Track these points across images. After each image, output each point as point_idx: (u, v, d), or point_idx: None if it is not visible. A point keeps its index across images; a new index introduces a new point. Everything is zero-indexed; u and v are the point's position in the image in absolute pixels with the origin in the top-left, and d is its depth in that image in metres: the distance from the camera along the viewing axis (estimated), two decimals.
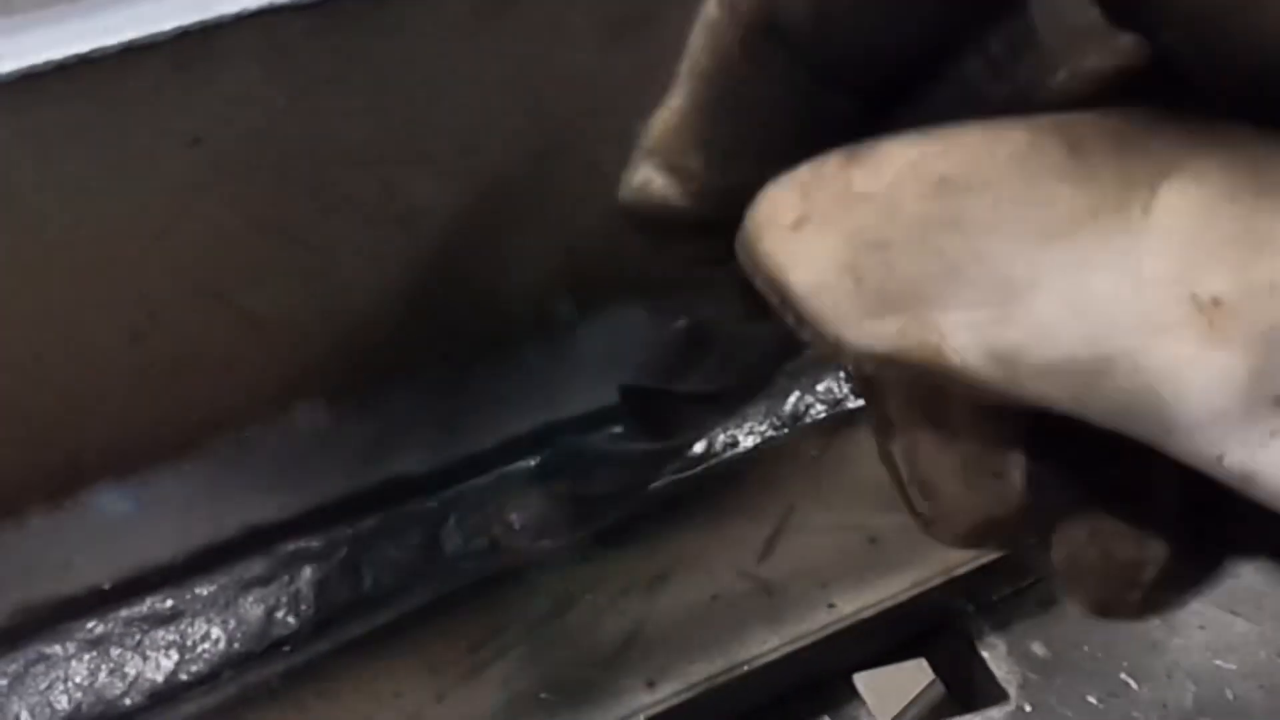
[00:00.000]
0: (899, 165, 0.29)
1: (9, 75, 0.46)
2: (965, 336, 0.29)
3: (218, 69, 0.50)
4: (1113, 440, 0.29)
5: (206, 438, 0.62)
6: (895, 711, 0.69)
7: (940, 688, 0.72)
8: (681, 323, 0.62)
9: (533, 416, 0.70)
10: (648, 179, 0.37)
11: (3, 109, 0.47)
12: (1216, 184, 0.26)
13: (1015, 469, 0.32)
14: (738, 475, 0.75)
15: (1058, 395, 0.28)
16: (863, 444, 0.75)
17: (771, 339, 0.60)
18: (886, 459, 0.36)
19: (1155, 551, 0.32)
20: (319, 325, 0.60)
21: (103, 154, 0.50)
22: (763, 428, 0.76)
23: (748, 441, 0.76)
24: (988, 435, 0.33)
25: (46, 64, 0.47)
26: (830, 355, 0.32)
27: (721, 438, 0.75)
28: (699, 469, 0.74)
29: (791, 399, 0.77)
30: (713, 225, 0.34)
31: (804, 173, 0.31)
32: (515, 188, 0.60)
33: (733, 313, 0.46)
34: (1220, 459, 0.26)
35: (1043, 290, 0.28)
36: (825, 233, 0.31)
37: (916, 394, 0.34)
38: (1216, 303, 0.25)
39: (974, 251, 0.28)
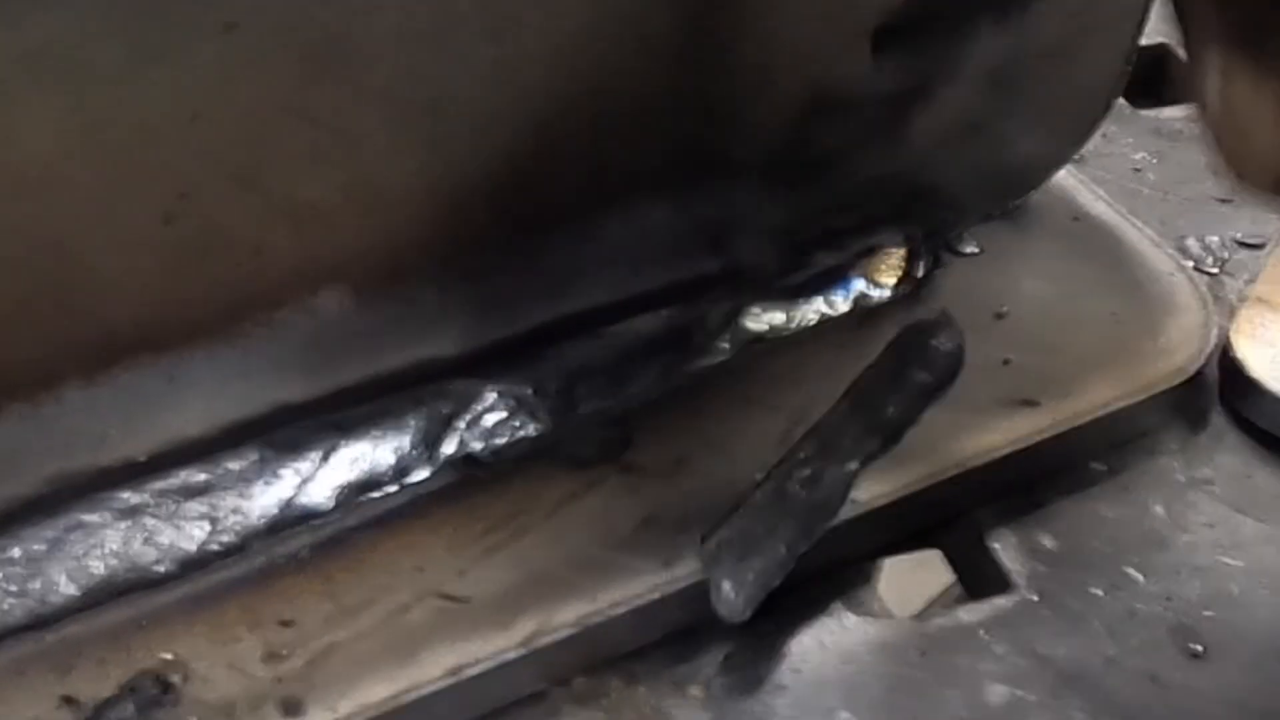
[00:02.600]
0: None
1: None
2: None
3: None
4: None
5: (237, 319, 0.63)
6: (908, 599, 0.71)
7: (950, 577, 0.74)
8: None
9: (556, 306, 0.71)
10: None
11: None
12: None
13: None
14: (761, 366, 0.76)
15: None
16: (882, 339, 0.76)
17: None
18: (1200, 104, 0.36)
19: None
20: (346, 211, 0.61)
21: (137, 39, 0.51)
22: (786, 320, 0.78)
23: (772, 333, 0.78)
24: None
25: None
26: None
27: (749, 330, 0.77)
28: (722, 359, 0.76)
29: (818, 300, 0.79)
30: None
31: None
32: (542, 76, 0.61)
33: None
34: None
35: None
36: None
37: (1234, 31, 0.34)
38: None
39: None
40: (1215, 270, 0.87)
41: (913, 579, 0.76)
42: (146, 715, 0.59)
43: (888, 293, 0.80)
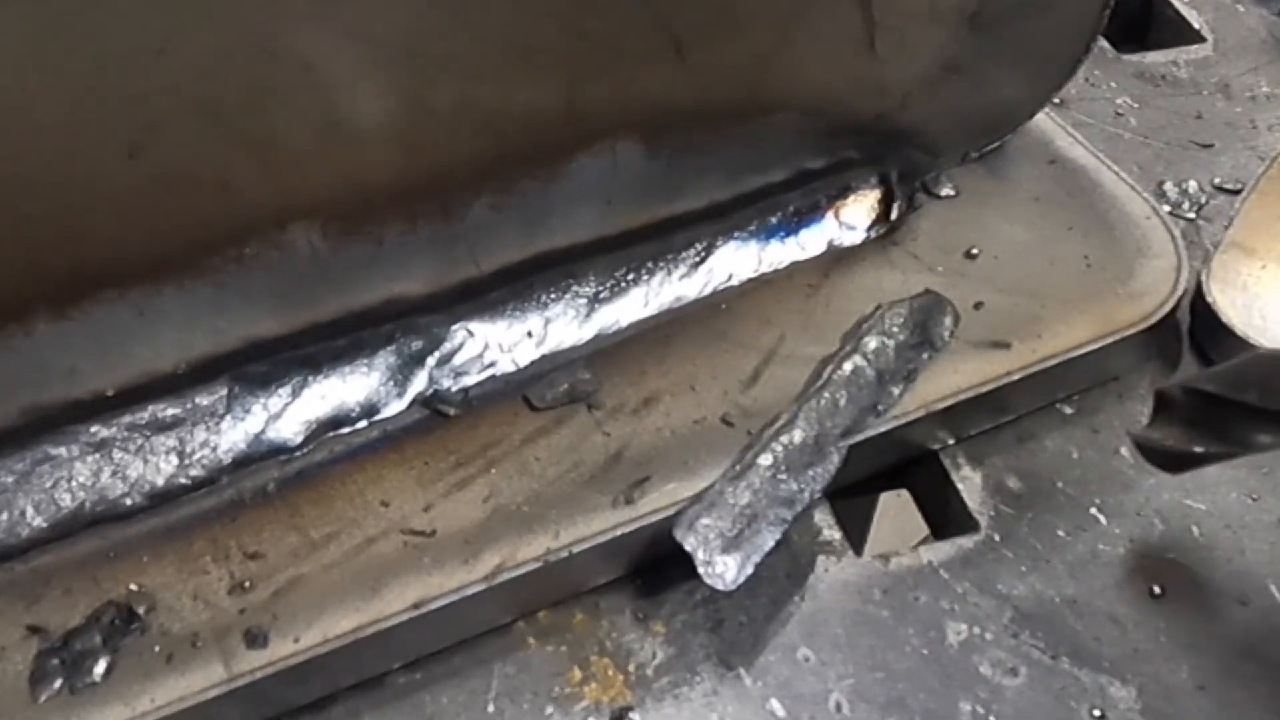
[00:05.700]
0: None
1: None
2: None
3: None
4: None
5: (206, 254, 0.63)
6: (866, 536, 0.71)
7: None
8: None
9: (527, 245, 0.71)
10: None
11: None
12: None
13: None
14: (732, 306, 0.76)
15: None
16: (854, 280, 0.77)
17: None
18: None
19: None
20: (314, 149, 0.61)
21: None
22: (759, 260, 0.78)
23: (745, 273, 0.78)
24: None
25: None
26: None
27: (722, 270, 0.77)
28: (698, 299, 0.76)
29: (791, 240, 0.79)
30: None
31: None
32: (513, 15, 0.61)
33: None
34: None
35: None
36: None
37: None
38: None
39: None
40: (1192, 215, 0.87)
41: (897, 524, 0.77)
42: (113, 644, 0.60)
43: (862, 234, 0.80)
